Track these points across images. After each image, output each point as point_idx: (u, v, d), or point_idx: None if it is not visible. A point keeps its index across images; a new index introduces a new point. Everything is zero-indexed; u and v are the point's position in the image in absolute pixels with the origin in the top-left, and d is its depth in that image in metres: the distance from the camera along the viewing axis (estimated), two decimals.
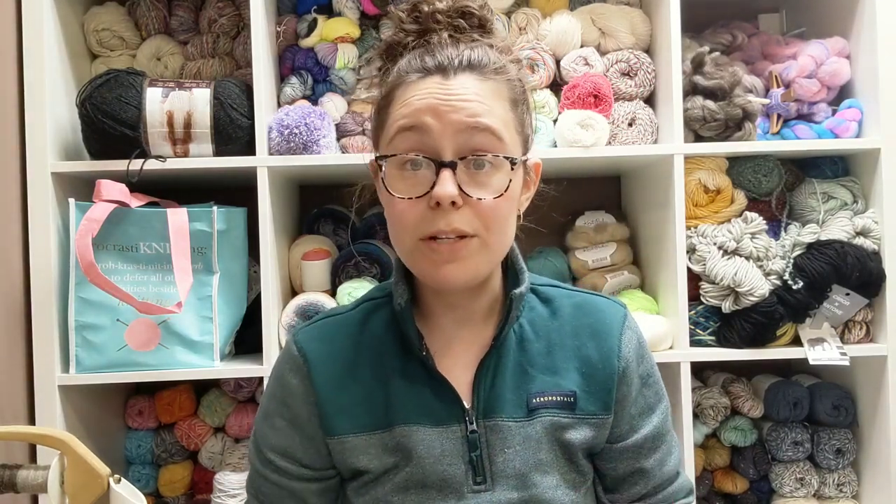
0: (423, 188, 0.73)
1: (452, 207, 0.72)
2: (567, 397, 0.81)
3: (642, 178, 1.59)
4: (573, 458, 0.82)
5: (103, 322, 1.34)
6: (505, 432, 0.79)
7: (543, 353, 0.83)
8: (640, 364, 0.85)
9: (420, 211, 0.73)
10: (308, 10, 1.53)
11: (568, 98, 1.44)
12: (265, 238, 1.37)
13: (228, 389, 1.58)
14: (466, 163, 0.73)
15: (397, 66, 0.78)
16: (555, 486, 0.80)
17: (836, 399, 1.50)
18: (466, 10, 0.78)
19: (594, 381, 0.82)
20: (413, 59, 0.77)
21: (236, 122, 1.38)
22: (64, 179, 1.38)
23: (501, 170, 0.75)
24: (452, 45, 0.76)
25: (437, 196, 0.71)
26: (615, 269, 1.56)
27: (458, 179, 0.72)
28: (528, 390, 0.81)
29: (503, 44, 0.80)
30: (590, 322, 0.85)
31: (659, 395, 0.87)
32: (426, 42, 0.77)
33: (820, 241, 1.42)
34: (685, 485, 0.89)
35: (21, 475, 0.70)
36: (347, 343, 0.85)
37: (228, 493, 1.42)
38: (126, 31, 1.56)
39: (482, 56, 0.76)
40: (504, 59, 0.78)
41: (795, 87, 1.47)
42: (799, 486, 1.50)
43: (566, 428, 0.81)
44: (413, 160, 0.74)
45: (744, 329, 1.40)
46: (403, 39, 0.79)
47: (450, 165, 0.72)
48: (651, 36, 1.51)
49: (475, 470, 0.79)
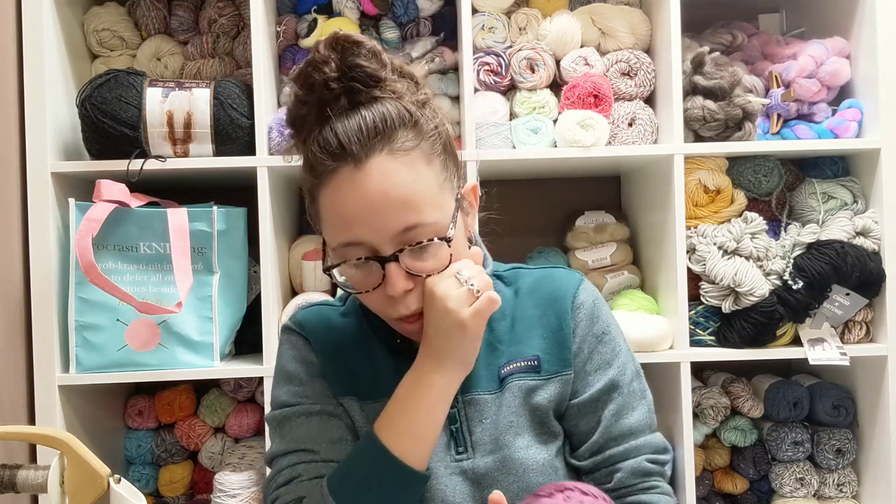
0: (375, 280, 0.78)
1: (407, 294, 0.78)
2: (532, 361, 0.87)
3: (642, 178, 1.59)
4: (543, 419, 0.87)
5: (103, 322, 1.34)
6: (481, 405, 0.86)
7: (509, 329, 0.89)
8: (595, 323, 0.89)
9: (380, 298, 0.80)
10: (308, 10, 1.53)
11: (568, 98, 1.44)
12: (265, 238, 1.37)
13: (228, 389, 1.58)
14: (406, 252, 0.77)
15: (309, 148, 0.78)
16: (526, 446, 0.85)
17: (836, 399, 1.50)
18: (355, 65, 0.76)
19: (554, 342, 0.88)
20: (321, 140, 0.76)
21: (236, 122, 1.38)
22: (64, 179, 1.38)
23: (440, 246, 0.78)
24: (353, 114, 0.76)
25: (389, 294, 0.77)
26: (615, 269, 1.56)
27: (403, 265, 0.77)
28: (497, 363, 0.87)
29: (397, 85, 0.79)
30: (548, 291, 0.90)
31: (616, 351, 0.89)
32: (327, 116, 0.77)
33: (820, 241, 1.42)
34: (654, 441, 0.88)
35: (21, 475, 0.70)
36: (337, 326, 0.92)
37: (228, 493, 1.42)
38: (126, 31, 1.56)
39: (385, 117, 0.76)
40: (404, 103, 0.78)
41: (795, 87, 1.47)
42: (799, 486, 1.50)
43: (534, 390, 0.86)
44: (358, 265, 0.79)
45: (744, 329, 1.40)
46: (304, 112, 0.78)
47: (392, 258, 0.77)
48: (651, 36, 1.51)
49: (456, 441, 0.85)
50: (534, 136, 1.44)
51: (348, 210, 0.76)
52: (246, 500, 1.42)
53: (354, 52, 0.76)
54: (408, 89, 0.80)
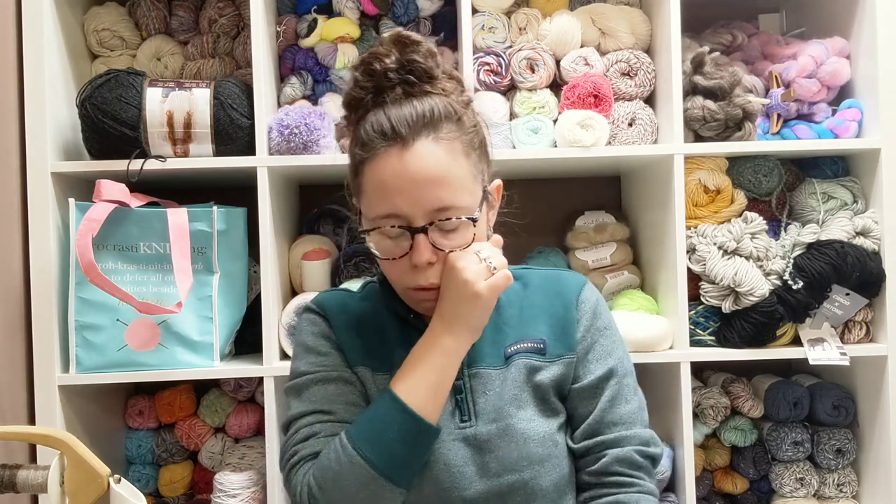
0: (402, 250, 0.86)
1: (429, 266, 0.86)
2: (538, 343, 0.93)
3: (642, 178, 1.59)
4: (545, 395, 0.92)
5: (103, 322, 1.34)
6: (485, 378, 0.92)
7: (517, 315, 0.96)
8: (598, 318, 0.96)
9: (403, 267, 0.87)
10: (308, 10, 1.53)
11: (568, 98, 1.44)
12: (265, 238, 1.37)
13: (228, 389, 1.58)
14: (434, 227, 0.85)
15: (362, 127, 0.87)
16: (529, 418, 0.90)
17: (836, 399, 1.50)
18: (412, 61, 0.86)
19: (559, 328, 0.95)
20: (375, 122, 0.86)
21: (236, 122, 1.38)
22: (64, 179, 1.38)
23: (466, 225, 0.86)
24: (406, 102, 0.86)
25: (414, 262, 0.85)
26: (615, 269, 1.56)
27: (430, 238, 0.85)
28: (503, 343, 0.94)
29: (448, 84, 0.89)
30: (556, 287, 0.99)
31: (616, 344, 0.96)
32: (382, 101, 0.86)
33: (820, 241, 1.42)
34: (642, 434, 0.93)
35: (21, 475, 0.70)
36: (354, 308, 0.99)
37: (228, 493, 1.42)
38: (126, 31, 1.56)
39: (434, 111, 0.85)
40: (452, 101, 0.88)
41: (795, 87, 1.47)
42: (799, 486, 1.50)
43: (538, 369, 0.92)
44: (391, 234, 0.86)
45: (744, 329, 1.40)
46: (362, 96, 0.88)
47: (422, 230, 0.85)
48: (651, 36, 1.51)
49: (461, 410, 0.90)
50: (534, 136, 1.44)
51: (392, 183, 0.84)
52: (246, 500, 1.42)
53: (414, 50, 0.87)
54: (455, 89, 0.90)
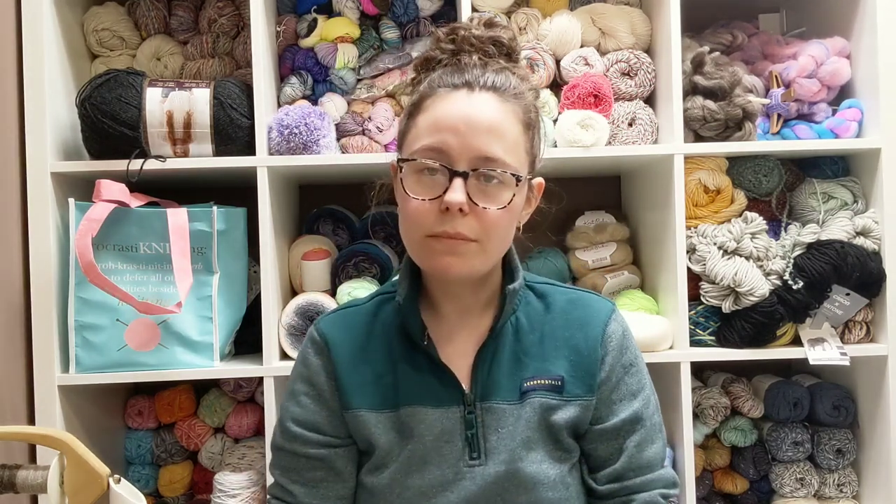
0: (436, 192, 0.83)
1: (459, 213, 0.82)
2: (555, 381, 0.90)
3: (642, 178, 1.59)
4: (558, 436, 0.90)
5: (103, 322, 1.34)
6: (499, 414, 0.88)
7: (536, 343, 0.92)
8: (624, 354, 0.93)
9: (431, 211, 0.83)
10: (308, 10, 1.53)
11: (568, 98, 1.44)
12: (265, 238, 1.37)
13: (228, 389, 1.58)
14: (477, 175, 0.82)
15: (430, 77, 0.88)
16: (539, 460, 0.88)
17: (836, 399, 1.50)
18: (498, 39, 0.89)
19: (580, 367, 0.91)
20: (445, 74, 0.87)
21: (236, 122, 1.38)
22: (64, 179, 1.38)
23: (507, 185, 0.84)
24: (480, 67, 0.87)
25: (447, 202, 0.81)
26: (615, 269, 1.56)
27: (467, 188, 0.82)
28: (521, 376, 0.90)
29: (523, 72, 0.91)
30: (580, 315, 0.94)
31: (642, 384, 0.94)
32: (458, 61, 0.88)
33: (820, 241, 1.42)
34: (666, 476, 0.93)
35: (21, 475, 0.70)
36: (362, 330, 0.95)
37: (228, 493, 1.42)
38: (126, 31, 1.56)
39: (504, 81, 0.86)
40: (523, 86, 0.88)
41: (795, 87, 1.47)
42: (799, 486, 1.50)
43: (554, 409, 0.89)
44: (430, 167, 0.83)
45: (744, 329, 1.40)
46: (439, 56, 0.90)
47: (462, 175, 0.82)
48: (651, 36, 1.51)
49: (471, 447, 0.88)
50: None
51: (448, 120, 0.83)
52: (246, 500, 1.42)
53: (500, 30, 0.90)
54: (526, 76, 0.91)
